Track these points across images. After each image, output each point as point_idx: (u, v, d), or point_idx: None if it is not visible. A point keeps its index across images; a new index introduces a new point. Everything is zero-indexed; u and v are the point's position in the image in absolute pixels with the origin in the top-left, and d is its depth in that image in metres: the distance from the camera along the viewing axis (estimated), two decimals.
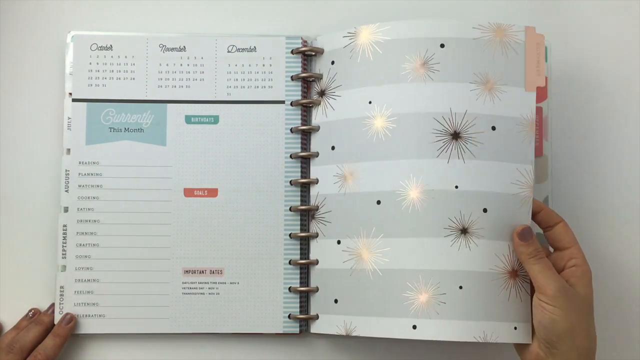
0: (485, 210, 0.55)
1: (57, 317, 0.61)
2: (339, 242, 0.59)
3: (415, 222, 0.56)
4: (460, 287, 0.55)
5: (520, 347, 0.57)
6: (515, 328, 0.55)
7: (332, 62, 0.60)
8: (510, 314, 0.55)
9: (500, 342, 0.55)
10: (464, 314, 0.55)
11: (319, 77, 0.61)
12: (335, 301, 0.58)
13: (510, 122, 0.56)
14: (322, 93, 0.61)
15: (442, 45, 0.56)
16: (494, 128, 0.56)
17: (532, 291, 0.55)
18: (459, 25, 0.57)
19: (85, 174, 0.61)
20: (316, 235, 0.60)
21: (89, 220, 0.61)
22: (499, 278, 0.55)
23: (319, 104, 0.61)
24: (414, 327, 0.55)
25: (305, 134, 0.62)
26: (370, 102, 0.58)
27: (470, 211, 0.55)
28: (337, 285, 0.59)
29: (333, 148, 0.59)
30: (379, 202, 0.57)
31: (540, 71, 0.56)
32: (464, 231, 0.55)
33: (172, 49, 0.62)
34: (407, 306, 0.55)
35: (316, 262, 0.60)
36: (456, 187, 0.55)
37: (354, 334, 0.57)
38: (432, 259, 0.55)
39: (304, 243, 0.61)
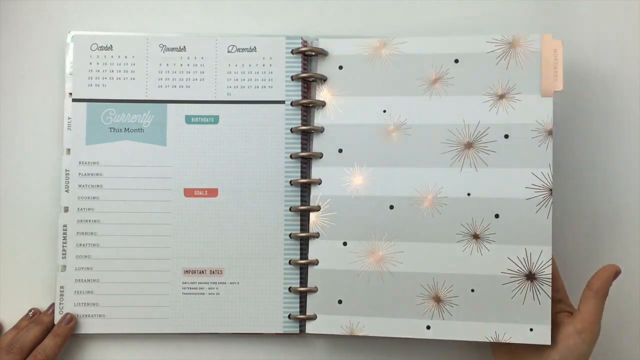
0: (497, 216, 0.58)
1: (57, 317, 0.61)
2: (345, 243, 0.59)
3: (428, 227, 0.58)
4: (472, 290, 0.58)
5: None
6: (531, 330, 0.57)
7: (340, 67, 0.61)
8: (526, 316, 0.57)
9: (514, 343, 0.57)
10: (476, 316, 0.57)
11: (322, 79, 0.61)
12: (340, 302, 0.59)
13: (525, 129, 0.58)
14: (327, 95, 0.61)
15: (456, 61, 0.59)
16: (506, 136, 0.58)
17: (556, 298, 0.57)
18: (473, 41, 0.59)
19: (85, 174, 0.61)
20: (317, 236, 0.60)
21: (89, 220, 0.61)
22: (513, 281, 0.57)
23: (324, 105, 0.61)
24: (428, 327, 0.58)
25: (306, 134, 0.62)
26: (384, 111, 0.60)
27: (482, 217, 0.58)
28: (341, 286, 0.59)
29: (340, 150, 0.60)
30: (391, 207, 0.59)
31: (558, 76, 0.58)
32: (475, 236, 0.58)
33: (172, 49, 0.62)
34: (420, 307, 0.58)
35: (316, 263, 0.60)
36: (468, 194, 0.58)
37: (361, 333, 0.58)
38: (444, 263, 0.58)
39: (304, 243, 0.61)
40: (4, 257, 0.63)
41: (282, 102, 0.62)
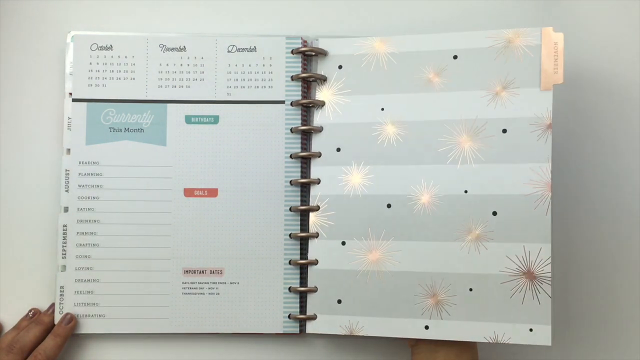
0: (494, 214, 0.57)
1: (57, 317, 0.61)
2: (343, 243, 0.59)
3: (425, 226, 0.58)
4: (471, 290, 0.57)
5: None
6: (531, 330, 0.56)
7: (340, 67, 0.61)
8: (525, 316, 0.56)
9: (514, 344, 0.56)
10: (475, 315, 0.57)
11: (322, 79, 0.61)
12: (339, 301, 0.59)
13: (523, 123, 0.57)
14: (326, 95, 0.61)
15: (455, 57, 0.59)
16: (504, 131, 0.57)
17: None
18: (472, 37, 0.59)
19: (85, 174, 0.61)
20: (316, 236, 0.60)
21: (89, 220, 0.61)
22: (511, 279, 0.57)
23: (323, 105, 0.61)
24: (427, 327, 0.57)
25: (306, 134, 0.62)
26: (382, 109, 0.59)
27: (479, 215, 0.57)
28: (340, 285, 0.59)
29: (339, 150, 0.60)
30: (389, 206, 0.59)
31: (559, 69, 0.57)
32: (473, 235, 0.57)
33: (172, 49, 0.62)
34: (418, 307, 0.58)
35: (316, 262, 0.60)
36: (465, 191, 0.58)
37: (360, 333, 0.58)
38: (442, 262, 0.58)
39: (304, 243, 0.61)
40: (4, 257, 0.63)
41: (282, 102, 0.62)
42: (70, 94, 0.62)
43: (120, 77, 0.62)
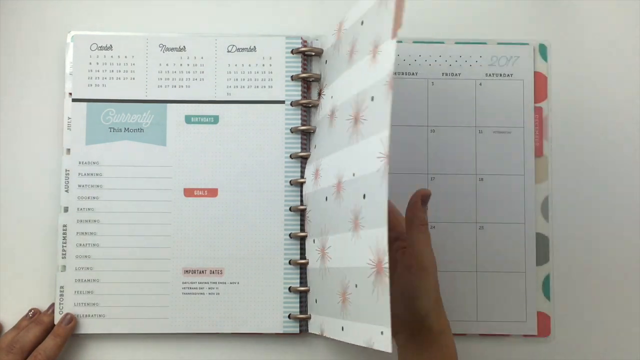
0: (364, 197, 0.48)
1: (57, 317, 0.61)
2: (314, 241, 0.59)
3: (335, 217, 0.53)
4: (356, 286, 0.49)
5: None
6: (382, 333, 0.44)
7: (326, 62, 0.60)
8: (376, 316, 0.45)
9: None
10: (356, 315, 0.49)
11: (318, 78, 0.61)
12: (316, 301, 0.59)
13: (380, 85, 0.47)
14: (319, 94, 0.61)
15: (361, 23, 0.51)
16: (372, 99, 0.48)
17: (391, 237, 0.51)
18: None
19: (85, 174, 0.61)
20: (306, 235, 0.60)
21: (89, 220, 0.61)
22: (371, 274, 0.46)
23: (318, 104, 0.61)
24: (342, 328, 0.52)
25: (305, 134, 0.62)
26: (332, 97, 0.57)
27: (356, 200, 0.49)
28: (316, 285, 0.59)
29: (315, 147, 0.60)
30: (326, 199, 0.55)
31: (399, 11, 0.45)
32: (356, 223, 0.49)
33: (172, 49, 0.62)
34: (337, 306, 0.52)
35: (308, 262, 0.60)
36: (353, 174, 0.50)
37: (324, 334, 0.56)
38: (342, 256, 0.52)
39: (304, 243, 0.61)
40: (4, 257, 0.63)
41: (282, 102, 0.62)
42: (70, 94, 0.62)
43: (120, 77, 0.62)
